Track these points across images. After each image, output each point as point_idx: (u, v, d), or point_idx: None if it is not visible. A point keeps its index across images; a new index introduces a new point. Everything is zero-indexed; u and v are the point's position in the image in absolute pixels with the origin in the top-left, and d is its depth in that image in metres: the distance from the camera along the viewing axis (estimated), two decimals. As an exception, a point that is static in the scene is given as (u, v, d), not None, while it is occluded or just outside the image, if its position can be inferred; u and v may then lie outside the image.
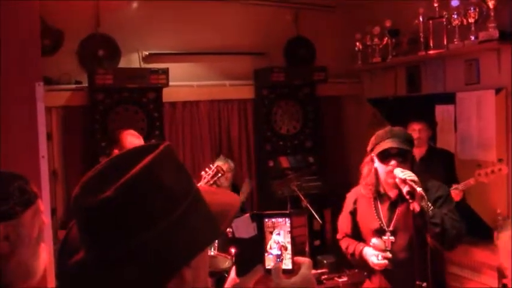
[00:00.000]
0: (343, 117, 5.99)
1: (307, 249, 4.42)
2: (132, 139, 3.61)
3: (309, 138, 5.47)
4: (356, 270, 4.01)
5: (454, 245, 2.74)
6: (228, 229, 1.15)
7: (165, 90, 4.85)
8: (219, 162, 4.67)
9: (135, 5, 5.05)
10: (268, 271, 1.24)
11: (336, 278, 4.16)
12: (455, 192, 3.78)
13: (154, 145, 0.94)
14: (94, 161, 4.49)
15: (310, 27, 5.68)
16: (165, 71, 4.70)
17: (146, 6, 5.03)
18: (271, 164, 5.27)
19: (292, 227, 1.31)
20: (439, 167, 4.10)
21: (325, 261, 4.45)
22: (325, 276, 4.21)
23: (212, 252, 3.69)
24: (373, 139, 2.82)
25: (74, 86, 4.76)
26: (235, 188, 4.91)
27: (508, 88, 4.20)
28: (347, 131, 5.92)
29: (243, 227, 1.30)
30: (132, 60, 5.06)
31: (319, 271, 4.27)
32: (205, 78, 5.30)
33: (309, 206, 4.27)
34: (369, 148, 2.85)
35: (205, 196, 0.97)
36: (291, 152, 5.36)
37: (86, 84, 4.72)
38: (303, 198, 4.32)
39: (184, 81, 5.13)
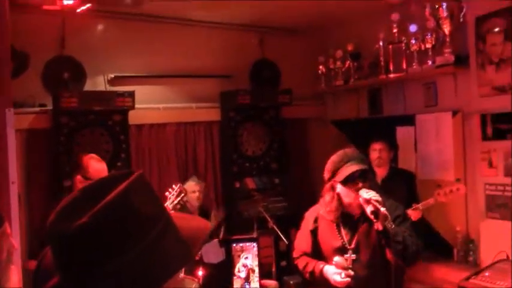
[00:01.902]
0: (307, 138, 6.09)
1: (273, 269, 4.46)
2: (95, 163, 3.62)
3: (275, 159, 5.55)
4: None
5: (415, 261, 2.83)
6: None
7: (131, 113, 4.85)
8: (191, 183, 4.69)
9: (101, 27, 5.06)
10: None
11: (301, 298, 4.20)
12: (415, 211, 3.89)
13: (127, 173, 0.98)
14: (58, 184, 4.44)
15: (275, 51, 5.80)
16: (131, 94, 4.72)
17: (112, 29, 5.05)
18: (237, 185, 5.31)
19: (259, 250, 1.36)
20: (401, 187, 4.22)
21: (291, 282, 4.48)
22: (292, 297, 4.25)
23: (181, 274, 3.68)
24: (329, 167, 2.85)
25: (38, 109, 4.71)
26: (203, 210, 4.91)
27: (464, 110, 4.38)
28: (312, 152, 6.02)
29: (212, 252, 1.35)
30: (97, 82, 5.05)
31: (285, 291, 4.30)
32: (172, 100, 5.33)
33: (275, 226, 4.32)
34: (327, 176, 2.87)
35: (176, 221, 1.00)
36: (257, 174, 5.42)
37: (50, 107, 4.68)
38: (269, 219, 4.37)
39: (150, 104, 5.14)
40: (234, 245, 1.20)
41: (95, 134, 4.72)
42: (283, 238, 4.24)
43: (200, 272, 3.09)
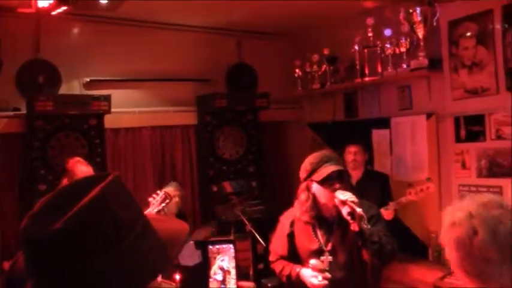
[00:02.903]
0: (284, 141, 6.12)
1: (251, 273, 4.45)
2: (82, 167, 3.58)
3: (252, 163, 5.56)
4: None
5: (391, 260, 2.84)
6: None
7: (107, 117, 4.81)
8: (171, 188, 4.64)
9: (76, 30, 5.01)
10: None
11: (279, 301, 4.20)
12: (388, 211, 3.94)
13: (103, 176, 0.96)
14: (33, 189, 4.38)
15: (252, 55, 5.82)
16: (107, 98, 4.68)
17: (88, 32, 5.01)
18: (214, 189, 5.30)
19: (236, 252, 1.36)
20: (375, 188, 4.26)
21: (269, 285, 4.49)
22: (269, 299, 4.25)
23: (159, 278, 3.66)
24: (307, 166, 2.85)
25: (12, 113, 4.64)
26: (183, 215, 4.87)
27: (438, 113, 4.46)
28: (289, 155, 6.04)
29: (187, 255, 1.34)
30: (73, 86, 5.00)
31: (263, 294, 4.30)
32: (148, 104, 5.31)
33: (252, 230, 4.31)
34: (303, 175, 2.87)
35: (153, 224, 1.00)
36: (234, 177, 5.42)
37: (25, 111, 4.62)
38: (246, 222, 4.36)
39: (126, 108, 5.11)
40: (210, 247, 1.20)
41: (70, 138, 4.67)
42: (261, 241, 4.23)
43: (178, 276, 3.08)
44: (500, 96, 3.88)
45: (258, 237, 4.26)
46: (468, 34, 4.09)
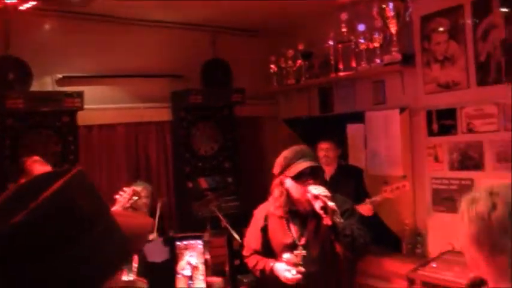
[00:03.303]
0: (260, 137, 6.12)
1: (227, 269, 4.45)
2: (39, 167, 3.51)
3: (228, 158, 5.55)
4: None
5: (363, 253, 2.87)
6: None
7: (80, 114, 4.75)
8: (137, 188, 4.60)
9: (47, 26, 4.93)
10: None
11: (255, 296, 4.21)
12: (367, 207, 3.98)
13: (65, 170, 0.95)
14: (3, 188, 4.30)
15: (227, 50, 5.79)
16: (80, 94, 4.61)
17: (60, 28, 4.93)
18: (190, 185, 5.28)
19: (205, 248, 1.35)
20: (349, 182, 4.30)
21: (245, 280, 4.49)
22: (245, 295, 4.25)
23: (131, 277, 3.63)
24: (281, 162, 2.86)
25: (-19, 110, 4.54)
26: (153, 214, 4.84)
27: (411, 107, 4.51)
28: (264, 151, 6.05)
29: (155, 251, 1.33)
30: (45, 83, 4.91)
31: (239, 290, 4.30)
32: (122, 101, 5.25)
33: (228, 226, 4.31)
34: (277, 171, 2.88)
35: (118, 219, 0.99)
36: (209, 173, 5.40)
37: (-5, 109, 4.53)
38: (222, 218, 4.35)
39: (100, 104, 5.05)
40: (178, 243, 1.20)
41: (42, 136, 4.60)
42: (237, 237, 4.23)
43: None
44: (471, 91, 3.94)
45: (233, 233, 4.26)
46: (440, 29, 4.14)
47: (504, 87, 3.71)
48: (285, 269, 2.80)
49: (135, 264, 3.55)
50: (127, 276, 3.65)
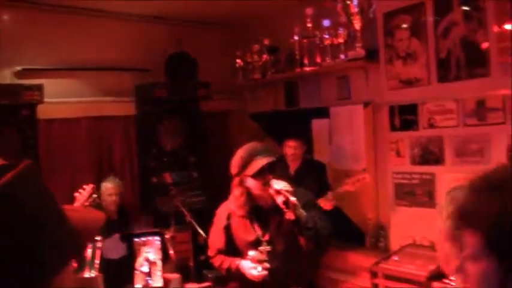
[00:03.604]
0: (227, 132, 6.10)
1: (191, 264, 4.43)
2: None
3: (193, 153, 5.50)
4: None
5: (326, 245, 2.89)
6: None
7: (40, 107, 4.63)
8: (108, 184, 4.53)
9: (6, 17, 4.78)
10: None
11: (220, 291, 4.20)
12: (327, 201, 4.02)
13: (13, 164, 0.92)
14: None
15: (192, 44, 5.73)
16: (39, 87, 4.50)
17: (19, 19, 4.79)
18: (154, 180, 5.22)
19: (163, 244, 1.34)
20: (313, 177, 4.34)
21: (209, 275, 4.47)
22: (210, 290, 4.24)
23: (92, 273, 3.57)
24: (238, 162, 2.85)
25: None
26: (124, 211, 4.73)
27: (375, 102, 4.56)
28: (231, 146, 6.01)
29: (112, 248, 1.31)
30: (2, 75, 4.76)
31: (203, 285, 4.28)
32: (85, 94, 5.15)
33: (192, 221, 4.28)
34: (234, 171, 2.86)
35: (69, 214, 0.97)
36: (175, 168, 5.35)
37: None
38: (186, 213, 4.32)
39: (61, 98, 4.93)
40: (136, 239, 1.19)
41: (0, 130, 4.46)
42: (201, 232, 4.21)
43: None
44: (432, 87, 4.01)
45: (198, 228, 4.24)
46: (403, 26, 4.20)
47: (463, 84, 3.79)
48: (251, 266, 2.79)
49: (97, 261, 3.50)
50: (89, 273, 3.60)
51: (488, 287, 0.98)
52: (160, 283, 1.21)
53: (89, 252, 3.59)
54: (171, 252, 4.05)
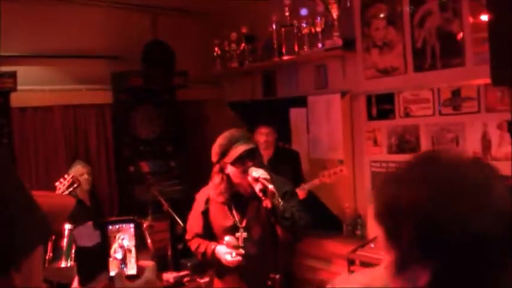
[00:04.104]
0: (204, 121, 6.06)
1: (169, 253, 4.42)
2: None
3: (170, 142, 5.46)
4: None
5: (303, 235, 2.92)
6: None
7: (13, 95, 4.53)
8: (78, 166, 4.50)
9: (-23, 3, 4.65)
10: (112, 278, 1.25)
11: (198, 280, 4.20)
12: (301, 191, 4.04)
13: None
14: None
15: (169, 32, 5.67)
16: (13, 74, 4.40)
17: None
18: (131, 169, 5.18)
19: (136, 231, 1.33)
20: (286, 165, 4.35)
21: (188, 264, 4.47)
22: (188, 279, 4.24)
23: (69, 263, 3.53)
24: (217, 149, 2.85)
25: None
26: (94, 195, 4.75)
27: (352, 92, 4.58)
28: (209, 135, 5.99)
29: (85, 235, 1.29)
30: (-26, 62, 4.65)
31: (181, 273, 4.28)
32: (59, 82, 5.05)
33: (170, 210, 4.27)
34: (214, 158, 2.87)
35: (38, 199, 0.96)
36: (151, 157, 5.31)
37: None
38: (164, 202, 4.31)
39: (35, 86, 4.83)
40: (110, 226, 1.19)
41: (-28, 118, 4.37)
42: (179, 221, 4.20)
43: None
44: (408, 76, 4.05)
45: (175, 217, 4.23)
46: (380, 15, 4.22)
47: (439, 73, 3.83)
48: (226, 252, 2.82)
49: (73, 250, 3.46)
50: (65, 263, 3.56)
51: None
52: (134, 270, 1.21)
53: (64, 241, 3.56)
54: (149, 241, 4.04)
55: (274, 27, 4.99)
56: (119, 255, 1.29)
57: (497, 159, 3.50)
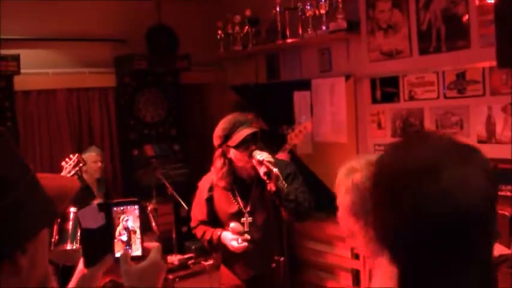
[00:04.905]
0: (207, 104, 6.05)
1: (174, 236, 4.46)
2: None
3: (174, 126, 5.47)
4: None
5: (307, 217, 2.92)
6: None
7: (17, 78, 4.54)
8: (92, 153, 4.50)
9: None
10: (117, 259, 1.25)
11: (202, 262, 4.23)
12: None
13: None
14: None
15: (172, 15, 5.63)
16: (16, 58, 4.40)
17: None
18: (135, 152, 5.19)
19: (141, 211, 1.33)
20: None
21: (192, 247, 4.51)
22: (192, 261, 4.28)
23: (74, 246, 3.57)
24: (219, 132, 2.85)
25: None
26: (103, 183, 4.71)
27: (356, 75, 4.56)
28: (212, 118, 5.99)
29: (90, 217, 1.29)
30: (-24, 46, 4.64)
31: (185, 256, 4.32)
32: (63, 65, 5.04)
33: (174, 193, 4.29)
34: (217, 142, 2.87)
35: (42, 181, 0.96)
36: (156, 141, 5.32)
37: None
38: (168, 185, 4.33)
39: (38, 69, 4.83)
40: (115, 208, 1.20)
41: (-24, 102, 4.38)
42: (183, 204, 4.23)
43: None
44: (413, 59, 4.02)
45: (180, 200, 4.25)
46: (385, -3, 4.18)
47: (444, 56, 3.81)
48: (232, 238, 2.82)
49: (79, 233, 3.49)
50: (71, 246, 3.59)
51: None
52: (139, 252, 1.22)
53: (70, 224, 3.59)
54: (153, 224, 4.07)
55: (278, 9, 4.95)
56: (124, 237, 1.30)
57: (502, 143, 3.48)
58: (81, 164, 3.55)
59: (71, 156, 3.57)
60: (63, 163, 3.51)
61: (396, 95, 4.17)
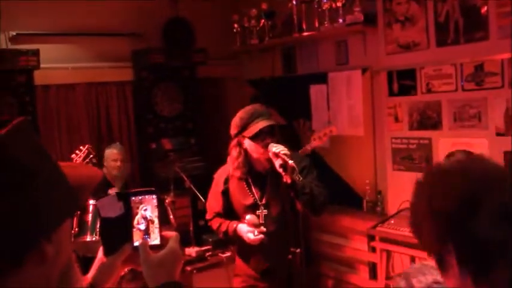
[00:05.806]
0: (224, 98, 6.07)
1: (191, 228, 4.49)
2: None
3: (191, 119, 5.50)
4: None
5: (322, 210, 2.91)
6: None
7: (36, 73, 4.60)
8: (114, 151, 4.51)
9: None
10: (136, 248, 1.27)
11: (219, 254, 4.27)
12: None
13: (10, 121, 0.92)
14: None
15: (189, 9, 5.65)
16: (36, 52, 4.46)
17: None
18: (153, 146, 5.23)
19: (159, 201, 1.35)
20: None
21: (210, 240, 4.55)
22: (209, 253, 4.31)
23: (94, 237, 3.62)
24: (237, 122, 2.86)
25: None
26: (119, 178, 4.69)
27: (373, 68, 4.54)
28: (228, 112, 6.00)
29: (109, 206, 1.32)
30: (-3, 41, 4.72)
31: (203, 248, 4.36)
32: (81, 60, 5.10)
33: (192, 186, 4.33)
34: (234, 132, 2.88)
35: (65, 170, 0.97)
36: (173, 134, 5.36)
37: None
38: (185, 179, 4.36)
39: (57, 63, 4.89)
40: (133, 198, 1.22)
41: (-3, 96, 4.45)
42: (201, 197, 4.26)
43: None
44: (431, 51, 3.99)
45: (197, 193, 4.29)
46: (402, -11, 4.14)
47: (462, 48, 3.77)
48: (248, 230, 2.84)
49: (98, 225, 3.54)
50: (90, 237, 3.65)
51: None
52: (157, 241, 1.24)
53: (89, 216, 3.65)
54: (171, 216, 4.11)
55: (294, 2, 4.94)
56: (142, 226, 1.32)
57: (521, 135, 3.45)
58: (91, 155, 3.58)
59: (81, 147, 3.59)
60: (73, 155, 3.54)
61: (413, 87, 4.14)
